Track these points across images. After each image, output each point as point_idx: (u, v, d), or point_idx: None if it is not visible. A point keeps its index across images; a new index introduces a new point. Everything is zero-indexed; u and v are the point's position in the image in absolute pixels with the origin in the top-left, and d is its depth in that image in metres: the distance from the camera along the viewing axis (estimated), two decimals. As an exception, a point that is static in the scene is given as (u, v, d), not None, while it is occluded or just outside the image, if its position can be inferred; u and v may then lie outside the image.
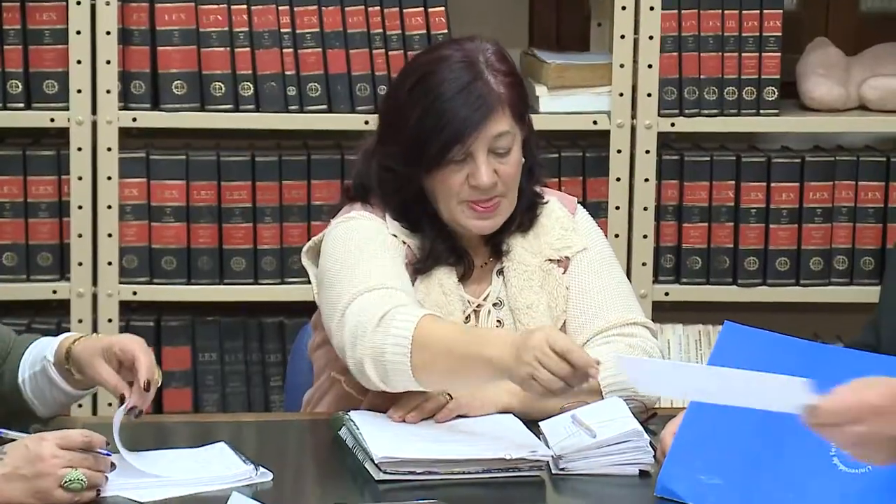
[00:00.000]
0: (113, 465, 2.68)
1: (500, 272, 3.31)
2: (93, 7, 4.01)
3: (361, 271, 3.18)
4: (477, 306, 3.27)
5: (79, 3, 4.00)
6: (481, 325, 3.30)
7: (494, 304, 3.30)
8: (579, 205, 3.44)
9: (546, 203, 3.38)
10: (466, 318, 3.27)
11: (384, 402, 3.09)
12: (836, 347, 3.01)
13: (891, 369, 2.62)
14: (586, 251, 3.35)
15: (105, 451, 2.68)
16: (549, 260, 3.31)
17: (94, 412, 3.95)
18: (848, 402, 2.38)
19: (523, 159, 3.20)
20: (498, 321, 3.29)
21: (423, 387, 3.04)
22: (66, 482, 2.54)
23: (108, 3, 4.00)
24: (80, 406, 3.59)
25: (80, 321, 3.93)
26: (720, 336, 2.93)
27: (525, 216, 3.31)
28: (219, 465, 2.71)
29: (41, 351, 3.01)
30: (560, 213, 3.38)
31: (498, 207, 3.18)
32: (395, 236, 3.24)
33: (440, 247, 3.24)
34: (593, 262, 3.37)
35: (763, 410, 2.67)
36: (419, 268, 3.24)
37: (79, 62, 3.99)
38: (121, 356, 2.85)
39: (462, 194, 3.14)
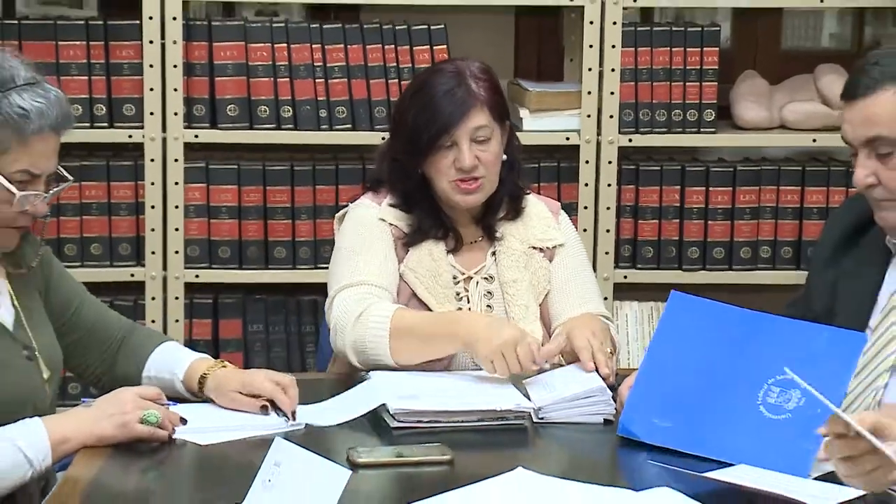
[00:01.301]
0: (183, 420, 2.77)
1: (494, 254, 3.39)
2: (162, 46, 4.06)
3: (351, 265, 3.31)
4: (468, 277, 3.36)
5: (151, 42, 4.06)
6: (471, 292, 3.35)
7: (485, 278, 3.37)
8: (562, 210, 3.55)
9: (528, 195, 3.48)
10: (456, 282, 3.36)
11: None
12: (768, 315, 2.93)
13: (812, 334, 2.78)
14: (567, 249, 3.45)
15: (172, 402, 2.79)
16: (533, 247, 3.39)
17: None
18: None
19: (504, 155, 3.32)
20: (488, 292, 3.35)
21: (399, 364, 3.17)
22: (143, 416, 2.63)
23: (174, 42, 4.06)
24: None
25: (153, 298, 4.00)
26: (668, 304, 2.99)
27: (511, 205, 3.40)
28: (262, 417, 2.80)
29: (170, 364, 3.06)
30: (545, 213, 3.46)
31: (479, 186, 3.27)
32: (384, 220, 3.33)
33: (427, 223, 3.32)
34: (574, 260, 3.47)
35: (707, 364, 2.85)
36: (409, 241, 3.32)
37: (151, 90, 4.04)
38: (250, 391, 2.94)
39: (450, 175, 3.24)
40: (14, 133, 2.67)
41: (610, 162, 4.22)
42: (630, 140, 4.22)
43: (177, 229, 4.02)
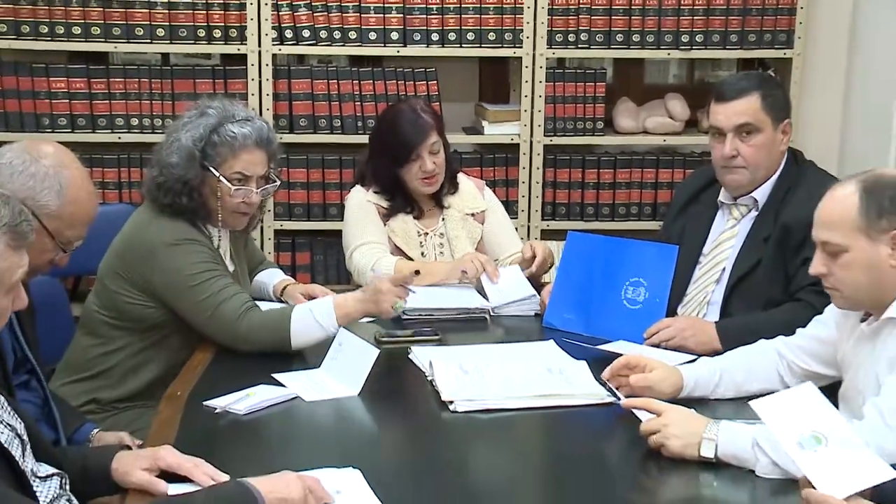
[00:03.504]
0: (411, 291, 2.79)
1: (443, 219, 3.47)
2: (261, 83, 4.18)
3: (358, 230, 3.38)
4: (427, 234, 3.44)
5: (253, 80, 4.19)
6: (429, 244, 3.43)
7: (439, 234, 3.45)
8: (487, 187, 3.62)
9: (459, 173, 3.55)
10: (420, 237, 3.42)
11: None
12: (624, 239, 3.15)
13: (647, 249, 3.03)
14: (490, 212, 3.52)
15: (412, 289, 2.81)
16: (467, 214, 3.49)
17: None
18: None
19: (444, 157, 3.40)
20: (441, 244, 3.44)
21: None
22: (396, 305, 2.73)
23: (267, 80, 4.19)
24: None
25: (255, 239, 3.74)
26: (566, 243, 3.16)
27: (450, 182, 3.47)
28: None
29: (269, 277, 3.24)
30: (473, 189, 3.55)
31: (436, 180, 3.39)
32: (371, 202, 3.41)
33: (400, 202, 3.41)
34: (497, 217, 3.56)
35: (592, 275, 3.05)
36: (388, 214, 3.41)
37: (253, 109, 3.69)
38: (306, 294, 3.10)
39: (418, 175, 3.35)
40: (228, 150, 2.80)
41: (538, 154, 4.39)
42: (551, 140, 4.39)
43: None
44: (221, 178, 2.82)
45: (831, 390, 2.37)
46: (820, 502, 1.66)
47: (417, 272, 2.86)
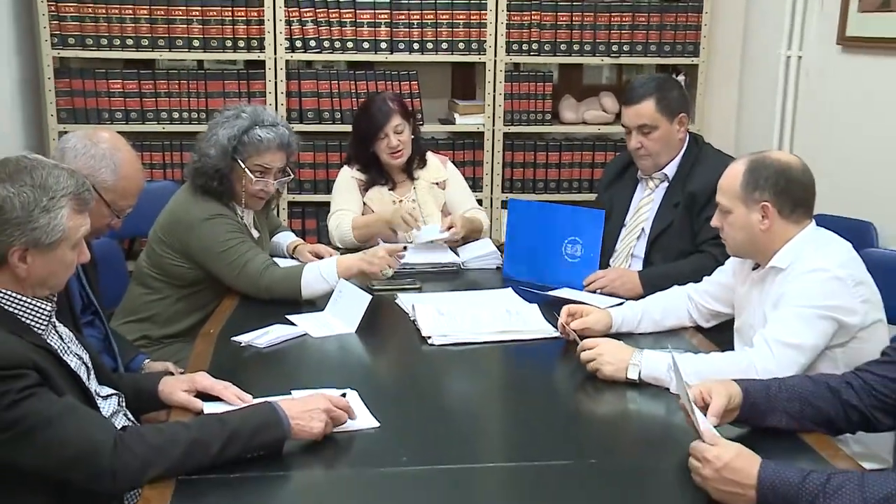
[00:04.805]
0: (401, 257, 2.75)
1: (414, 188, 3.41)
2: (276, 83, 4.14)
3: (337, 199, 3.38)
4: (400, 200, 3.38)
5: (271, 80, 4.15)
6: (402, 208, 3.28)
7: (411, 201, 3.39)
8: (450, 161, 3.55)
9: (428, 153, 3.48)
10: (394, 204, 3.36)
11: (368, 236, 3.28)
12: (561, 205, 3.11)
13: (580, 213, 2.96)
14: (451, 180, 3.48)
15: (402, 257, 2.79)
16: (433, 183, 3.45)
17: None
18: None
19: (412, 135, 3.35)
20: (413, 207, 3.34)
21: (356, 242, 3.25)
22: (383, 271, 2.73)
23: (282, 81, 4.15)
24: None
25: (273, 209, 3.47)
26: (508, 209, 3.11)
27: (419, 160, 3.43)
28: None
29: (283, 238, 3.22)
30: (438, 164, 3.49)
31: (401, 154, 3.32)
32: (353, 178, 3.38)
33: (376, 176, 3.36)
34: (456, 185, 3.50)
35: (536, 234, 2.96)
36: (367, 186, 3.37)
37: (270, 105, 4.10)
38: (313, 251, 3.09)
39: (387, 151, 3.31)
40: (254, 149, 2.79)
41: (499, 140, 4.35)
42: (509, 129, 4.35)
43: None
44: (246, 169, 2.80)
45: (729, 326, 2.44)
46: (700, 450, 1.61)
47: (405, 248, 2.85)
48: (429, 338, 2.40)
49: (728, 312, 2.48)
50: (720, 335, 2.47)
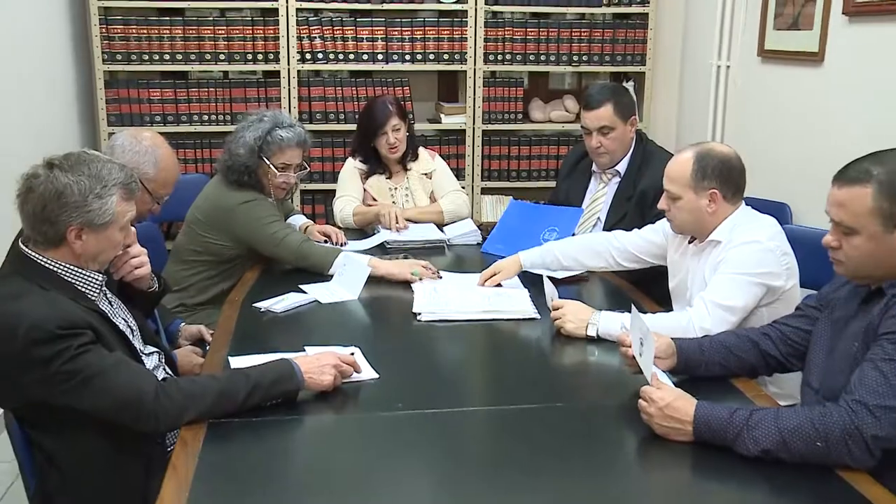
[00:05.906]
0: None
1: (408, 178, 3.33)
2: (289, 89, 4.10)
3: (342, 186, 3.31)
4: (395, 188, 3.32)
5: (285, 87, 4.11)
6: (398, 195, 3.28)
7: (405, 188, 3.32)
8: (438, 156, 3.44)
9: (420, 148, 3.39)
10: (390, 191, 3.29)
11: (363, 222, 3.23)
12: (545, 206, 3.12)
13: (560, 211, 2.91)
14: (437, 171, 3.38)
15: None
16: (423, 174, 3.35)
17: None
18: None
19: (407, 134, 3.27)
20: (405, 195, 3.30)
21: (355, 224, 3.21)
22: (413, 272, 2.59)
23: (295, 87, 4.12)
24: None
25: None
26: (508, 207, 3.12)
27: (412, 154, 3.33)
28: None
29: (294, 222, 3.13)
30: (427, 157, 3.39)
31: (398, 149, 3.25)
32: (356, 167, 3.31)
33: (375, 167, 3.28)
34: (442, 173, 3.39)
35: (521, 224, 2.93)
36: (367, 175, 3.30)
37: (285, 107, 4.06)
38: (322, 231, 3.05)
39: (386, 147, 3.23)
40: (277, 147, 2.76)
41: (479, 136, 4.32)
42: (487, 127, 4.31)
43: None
44: (271, 165, 2.79)
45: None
46: (647, 393, 1.61)
47: (426, 268, 2.64)
48: (418, 314, 2.30)
49: (649, 262, 2.46)
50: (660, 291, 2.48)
